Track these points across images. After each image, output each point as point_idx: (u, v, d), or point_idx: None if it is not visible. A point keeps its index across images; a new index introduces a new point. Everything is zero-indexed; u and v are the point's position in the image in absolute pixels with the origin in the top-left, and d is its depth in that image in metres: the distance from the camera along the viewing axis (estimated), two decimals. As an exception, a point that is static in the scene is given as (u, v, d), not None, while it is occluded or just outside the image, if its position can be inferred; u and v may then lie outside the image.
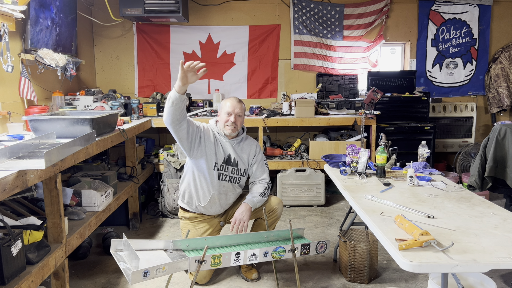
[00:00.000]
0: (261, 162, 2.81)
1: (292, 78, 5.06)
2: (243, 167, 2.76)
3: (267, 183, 2.77)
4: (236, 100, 2.66)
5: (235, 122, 2.63)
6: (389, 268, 2.93)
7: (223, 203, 2.75)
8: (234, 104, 2.63)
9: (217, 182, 2.67)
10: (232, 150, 2.71)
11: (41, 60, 3.23)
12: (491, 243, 1.69)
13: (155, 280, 2.67)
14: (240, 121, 2.67)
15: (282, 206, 2.84)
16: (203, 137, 2.63)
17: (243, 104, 2.71)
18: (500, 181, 3.20)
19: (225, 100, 2.70)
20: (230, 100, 2.66)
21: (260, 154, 2.82)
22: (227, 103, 2.65)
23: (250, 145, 2.80)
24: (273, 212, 2.77)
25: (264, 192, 2.71)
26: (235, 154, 2.72)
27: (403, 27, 5.03)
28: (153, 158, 4.40)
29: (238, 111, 2.63)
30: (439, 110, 5.01)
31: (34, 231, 1.98)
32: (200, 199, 2.69)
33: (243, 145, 2.77)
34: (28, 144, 2.13)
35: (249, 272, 2.82)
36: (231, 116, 2.62)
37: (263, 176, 2.79)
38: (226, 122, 2.63)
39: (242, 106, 2.67)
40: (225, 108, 2.64)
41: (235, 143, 2.72)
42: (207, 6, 4.89)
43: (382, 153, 2.77)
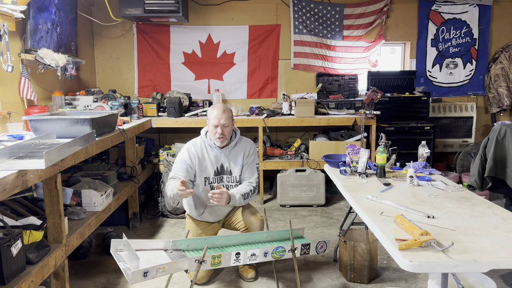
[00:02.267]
0: (251, 164, 2.76)
1: (292, 78, 5.06)
2: (237, 173, 2.74)
3: (253, 187, 2.71)
4: (221, 110, 2.59)
5: (223, 133, 2.60)
6: (389, 268, 2.93)
7: (220, 213, 2.79)
8: (219, 115, 2.58)
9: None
10: (225, 158, 2.71)
11: (41, 60, 3.23)
12: (491, 243, 1.69)
13: (155, 280, 2.67)
14: (228, 130, 2.63)
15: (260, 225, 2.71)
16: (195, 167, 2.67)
17: (229, 110, 2.65)
18: (500, 181, 3.20)
19: (210, 109, 2.65)
20: (215, 110, 2.61)
21: (253, 156, 2.77)
22: (213, 113, 2.61)
23: (244, 147, 2.76)
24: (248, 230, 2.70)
25: (247, 194, 2.67)
26: (228, 162, 2.72)
27: (403, 27, 5.03)
28: (153, 158, 4.40)
29: (223, 121, 2.58)
30: (439, 110, 5.01)
31: (34, 231, 1.98)
32: (198, 211, 2.75)
33: (237, 149, 2.74)
34: (28, 144, 2.13)
35: (245, 272, 2.82)
36: (218, 128, 2.59)
37: (251, 179, 2.74)
38: (215, 134, 2.62)
39: (227, 115, 2.60)
40: (211, 120, 2.62)
41: (227, 151, 2.71)
42: (207, 6, 4.89)
43: (382, 153, 2.77)
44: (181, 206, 3.98)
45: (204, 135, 2.74)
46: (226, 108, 2.64)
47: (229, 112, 2.64)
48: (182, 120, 4.26)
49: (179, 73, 4.99)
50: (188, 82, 5.00)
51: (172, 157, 4.15)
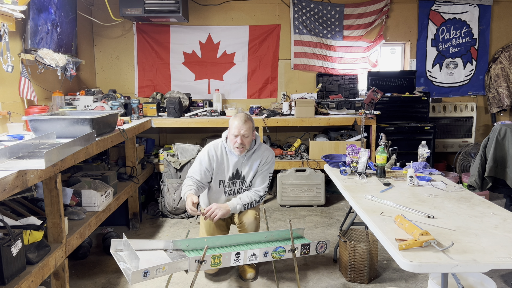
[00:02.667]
0: (265, 172, 2.78)
1: (292, 78, 5.06)
2: (249, 179, 2.79)
3: (259, 197, 2.76)
4: (242, 121, 2.61)
5: (242, 143, 2.63)
6: (389, 268, 2.93)
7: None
8: (240, 125, 2.60)
9: (223, 197, 2.81)
10: (241, 165, 2.75)
11: (41, 60, 3.23)
12: (491, 243, 1.69)
13: (155, 280, 2.67)
14: (248, 141, 2.66)
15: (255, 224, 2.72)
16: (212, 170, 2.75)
17: (250, 121, 2.66)
18: (500, 181, 3.20)
19: (232, 119, 2.66)
20: (237, 120, 2.62)
21: (269, 164, 2.78)
22: (234, 123, 2.63)
23: (262, 155, 2.77)
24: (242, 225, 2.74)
25: (250, 204, 2.73)
26: (243, 168, 2.76)
27: (403, 27, 5.03)
28: (153, 158, 4.40)
29: (243, 132, 2.60)
30: (439, 110, 5.01)
31: (34, 231, 1.98)
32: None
33: (254, 156, 2.77)
34: (28, 144, 2.13)
35: (244, 272, 2.82)
36: (238, 138, 2.62)
37: (259, 187, 2.77)
38: (234, 143, 2.65)
39: (248, 125, 2.62)
40: (232, 129, 2.64)
41: (245, 158, 2.75)
42: (207, 6, 4.89)
43: (382, 153, 2.77)
44: (181, 206, 3.98)
45: (224, 140, 2.77)
46: (247, 118, 2.65)
47: (250, 123, 2.65)
48: (182, 120, 4.26)
49: (179, 73, 4.99)
50: (188, 82, 5.00)
51: (172, 157, 4.15)
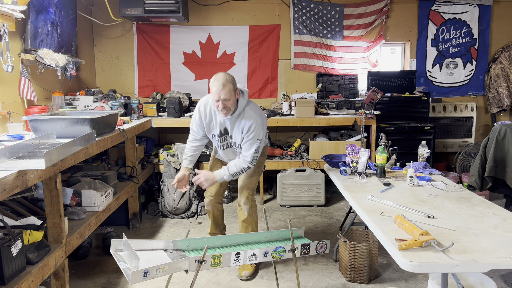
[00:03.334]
0: (250, 140, 2.67)
1: (292, 78, 5.06)
2: (238, 141, 2.74)
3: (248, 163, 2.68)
4: (221, 85, 2.49)
5: (225, 107, 2.56)
6: (389, 268, 2.93)
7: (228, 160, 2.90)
8: (219, 90, 2.50)
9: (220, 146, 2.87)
10: (229, 124, 2.72)
11: (41, 60, 3.23)
12: (491, 243, 1.69)
13: (155, 280, 2.67)
14: (231, 103, 2.56)
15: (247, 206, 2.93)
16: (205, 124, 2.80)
17: (230, 83, 2.52)
18: (500, 181, 3.20)
19: (211, 82, 2.56)
20: (215, 85, 2.52)
21: (254, 133, 2.65)
22: (213, 88, 2.53)
23: (245, 123, 2.66)
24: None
25: (237, 173, 2.71)
26: (230, 129, 2.73)
27: (403, 27, 5.03)
28: (153, 158, 4.39)
29: (224, 96, 2.51)
30: (439, 110, 5.01)
31: (34, 231, 1.98)
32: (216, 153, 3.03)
33: (238, 122, 2.68)
34: (28, 144, 2.13)
35: (241, 269, 2.83)
36: (219, 103, 2.55)
37: (246, 153, 2.69)
38: (217, 107, 2.58)
39: (228, 88, 2.50)
40: (212, 95, 2.56)
41: (230, 120, 2.69)
42: (207, 6, 4.89)
43: (382, 153, 2.77)
44: (181, 206, 3.98)
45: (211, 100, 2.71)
46: (226, 81, 2.51)
47: (230, 85, 2.52)
48: (182, 120, 4.26)
49: (179, 73, 4.99)
50: (188, 82, 4.99)
51: (172, 157, 4.15)
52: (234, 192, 4.77)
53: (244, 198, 2.90)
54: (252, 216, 2.93)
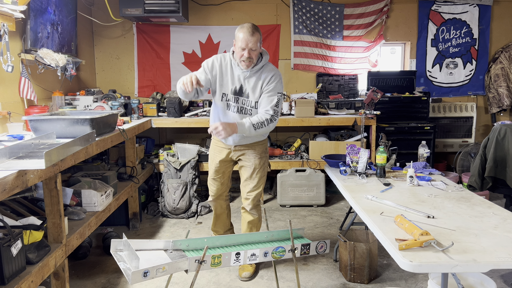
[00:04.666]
0: (271, 92, 2.55)
1: (292, 78, 5.06)
2: (253, 100, 2.60)
3: (270, 116, 2.51)
4: (250, 32, 2.42)
5: (250, 57, 2.47)
6: (389, 268, 2.93)
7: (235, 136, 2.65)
8: (247, 38, 2.41)
9: (226, 112, 2.64)
10: (245, 81, 2.59)
11: (41, 60, 3.23)
12: (491, 243, 1.69)
13: (155, 280, 2.67)
14: (256, 54, 2.49)
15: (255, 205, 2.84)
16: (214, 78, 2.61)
17: (258, 33, 2.47)
18: (500, 181, 3.20)
19: (238, 30, 2.48)
20: (243, 32, 2.44)
21: (274, 83, 2.56)
22: (240, 35, 2.45)
23: (267, 74, 2.58)
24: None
25: (259, 124, 2.49)
26: (248, 85, 2.60)
27: (403, 27, 5.03)
28: (153, 158, 4.39)
29: (251, 45, 2.43)
30: (439, 110, 5.01)
31: (34, 231, 1.98)
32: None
33: (260, 75, 2.59)
34: (28, 144, 2.13)
35: (241, 270, 2.83)
36: (245, 51, 2.45)
37: (268, 106, 2.54)
38: (241, 57, 2.49)
39: (256, 38, 2.44)
40: (238, 42, 2.47)
41: (248, 74, 2.58)
42: (207, 6, 4.89)
43: (382, 153, 2.77)
44: (181, 206, 3.98)
45: (232, 53, 2.61)
46: (255, 29, 2.45)
47: (258, 35, 2.46)
48: (182, 120, 4.26)
49: (179, 73, 4.98)
50: (188, 82, 4.99)
51: (172, 157, 4.16)
52: (234, 192, 4.77)
53: (252, 205, 2.81)
54: (260, 219, 2.91)
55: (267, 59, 2.63)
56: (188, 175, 4.08)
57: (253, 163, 2.76)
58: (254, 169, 2.77)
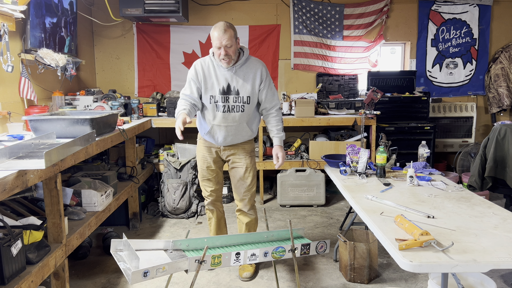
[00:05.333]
0: (269, 86, 2.67)
1: (292, 78, 5.06)
2: (246, 94, 2.61)
3: (279, 109, 2.77)
4: (222, 30, 2.42)
5: (227, 54, 2.47)
6: (389, 268, 2.93)
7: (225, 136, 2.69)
8: (220, 36, 2.42)
9: (216, 114, 2.64)
10: (232, 78, 2.59)
11: (41, 60, 3.23)
12: (491, 243, 1.69)
13: (155, 280, 2.67)
14: (233, 50, 2.48)
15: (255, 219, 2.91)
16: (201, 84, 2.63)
17: (231, 29, 2.47)
18: (500, 181, 3.20)
19: (212, 30, 2.48)
20: (216, 31, 2.44)
21: (267, 77, 2.66)
22: (214, 34, 2.45)
23: (255, 69, 2.61)
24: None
25: (283, 126, 2.77)
26: (236, 82, 2.60)
27: (403, 27, 5.03)
28: (153, 158, 4.39)
29: (225, 42, 2.43)
30: (439, 110, 5.01)
31: (34, 231, 1.98)
32: (204, 128, 2.74)
33: (246, 70, 2.61)
34: (28, 144, 2.13)
35: (242, 270, 2.83)
36: (221, 50, 2.46)
37: (273, 102, 2.72)
38: (219, 56, 2.49)
39: (229, 34, 2.44)
40: (214, 41, 2.47)
41: (234, 70, 2.58)
42: (207, 6, 4.89)
43: (382, 153, 2.77)
44: (181, 206, 3.98)
45: (211, 54, 2.62)
46: (227, 27, 2.45)
47: (231, 31, 2.46)
48: (182, 120, 4.25)
49: (179, 73, 4.99)
50: (188, 82, 4.99)
51: (172, 157, 4.15)
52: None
53: (249, 205, 2.86)
54: (257, 219, 2.94)
55: (247, 53, 2.63)
56: (188, 175, 4.08)
57: (244, 162, 2.78)
58: (246, 168, 2.79)
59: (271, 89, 2.70)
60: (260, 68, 2.64)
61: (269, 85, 2.68)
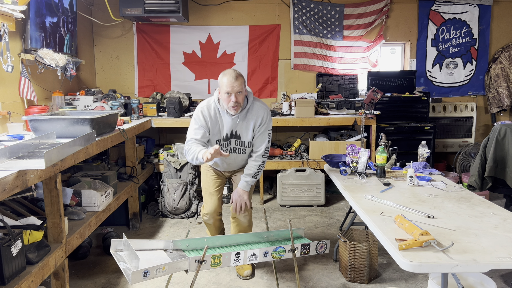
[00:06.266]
0: (264, 132, 2.68)
1: (292, 78, 5.06)
2: (246, 140, 2.68)
3: (262, 158, 2.71)
4: (233, 77, 2.46)
5: (237, 101, 2.49)
6: (389, 268, 2.93)
7: (227, 166, 2.82)
8: (232, 82, 2.45)
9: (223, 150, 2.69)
10: (235, 125, 2.64)
11: (41, 60, 3.22)
12: (491, 243, 1.69)
13: (155, 280, 2.67)
14: (242, 97, 2.52)
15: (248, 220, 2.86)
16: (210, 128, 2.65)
17: (241, 77, 2.52)
18: (500, 181, 3.20)
19: (222, 76, 2.52)
20: (227, 77, 2.47)
21: (266, 124, 2.67)
22: (224, 80, 2.48)
23: (257, 116, 2.64)
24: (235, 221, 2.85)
25: (257, 172, 2.71)
26: (239, 128, 2.65)
27: (403, 27, 5.03)
28: (153, 158, 4.39)
29: (237, 88, 2.46)
30: (439, 110, 5.01)
31: (34, 231, 1.98)
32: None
33: (250, 115, 2.64)
34: (28, 144, 2.13)
35: (241, 269, 2.83)
36: (232, 96, 2.47)
37: (260, 148, 2.70)
38: (229, 103, 2.50)
39: (240, 81, 2.48)
40: (223, 87, 2.49)
41: (239, 118, 2.62)
42: (207, 6, 4.89)
43: (382, 153, 2.77)
44: (181, 206, 3.98)
45: (217, 100, 2.62)
46: (238, 74, 2.50)
47: (242, 79, 2.51)
48: (182, 120, 4.26)
49: (179, 73, 4.99)
50: (188, 82, 5.00)
51: (172, 157, 4.15)
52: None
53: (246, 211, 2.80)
54: (251, 226, 2.92)
55: (252, 99, 2.65)
56: (188, 175, 4.08)
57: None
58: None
59: (263, 135, 2.70)
60: (262, 115, 2.65)
61: (264, 131, 2.69)
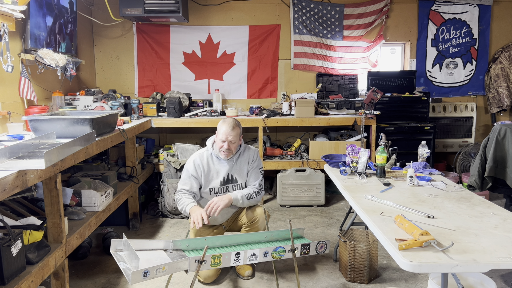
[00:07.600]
0: (255, 170, 2.83)
1: (292, 78, 5.06)
2: (243, 181, 2.81)
3: (257, 189, 2.79)
4: (231, 127, 2.64)
5: (229, 149, 2.67)
6: (389, 268, 2.93)
7: (225, 216, 2.85)
8: (228, 131, 2.63)
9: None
10: (230, 168, 2.78)
11: (41, 60, 3.23)
12: (491, 243, 1.69)
13: (155, 280, 2.67)
14: (235, 146, 2.70)
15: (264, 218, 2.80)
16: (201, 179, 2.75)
17: (238, 128, 2.69)
18: (500, 181, 3.20)
19: (221, 124, 2.69)
20: (225, 126, 2.65)
21: (256, 162, 2.84)
22: (222, 128, 2.66)
23: (248, 156, 2.82)
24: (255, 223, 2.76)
25: (250, 194, 2.74)
26: (234, 171, 2.79)
27: (403, 27, 5.03)
28: (153, 158, 4.40)
29: (231, 138, 2.64)
30: (439, 110, 5.01)
31: (34, 231, 1.98)
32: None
33: (241, 159, 2.81)
34: (28, 144, 2.13)
35: (242, 269, 2.83)
36: (225, 143, 2.65)
37: (254, 182, 2.82)
38: (221, 148, 2.67)
39: (236, 132, 2.65)
40: (219, 134, 2.67)
41: (233, 161, 2.78)
42: (207, 6, 4.89)
43: (382, 153, 2.77)
44: (181, 206, 3.98)
45: (211, 146, 2.79)
46: (236, 125, 2.68)
47: (238, 129, 2.69)
48: (182, 120, 4.26)
49: (179, 73, 4.99)
50: (188, 82, 5.00)
51: (172, 157, 4.15)
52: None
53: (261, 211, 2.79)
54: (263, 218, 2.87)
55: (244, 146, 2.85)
56: (188, 175, 4.08)
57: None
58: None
59: (256, 173, 2.82)
60: (252, 154, 2.84)
61: (255, 168, 2.82)
